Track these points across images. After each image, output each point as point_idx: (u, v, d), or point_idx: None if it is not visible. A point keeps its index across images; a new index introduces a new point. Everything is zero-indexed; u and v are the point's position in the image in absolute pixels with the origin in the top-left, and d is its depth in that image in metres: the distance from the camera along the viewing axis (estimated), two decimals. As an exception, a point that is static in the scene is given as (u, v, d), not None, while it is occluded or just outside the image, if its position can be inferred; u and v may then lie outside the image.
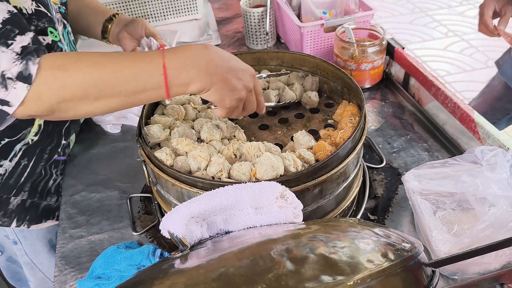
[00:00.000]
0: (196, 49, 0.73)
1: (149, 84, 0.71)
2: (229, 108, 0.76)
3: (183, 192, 0.73)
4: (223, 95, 0.73)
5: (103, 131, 1.17)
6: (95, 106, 0.73)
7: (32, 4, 0.81)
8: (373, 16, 1.29)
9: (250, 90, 0.76)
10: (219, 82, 0.72)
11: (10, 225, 1.02)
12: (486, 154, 0.81)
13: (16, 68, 0.67)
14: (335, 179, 0.75)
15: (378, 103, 1.21)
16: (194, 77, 0.71)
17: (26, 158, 0.98)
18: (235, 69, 0.74)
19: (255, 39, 1.46)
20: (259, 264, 0.45)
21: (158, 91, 0.72)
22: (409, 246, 0.48)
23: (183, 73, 0.70)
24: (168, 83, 0.70)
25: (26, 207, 1.02)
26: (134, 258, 0.77)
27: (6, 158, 0.95)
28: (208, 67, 0.71)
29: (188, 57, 0.71)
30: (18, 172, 0.98)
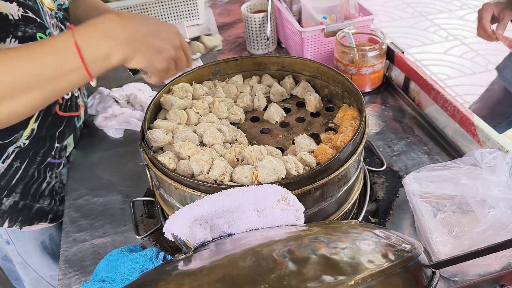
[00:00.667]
0: (108, 19, 0.68)
1: (66, 67, 0.67)
2: (161, 71, 0.72)
3: (186, 195, 0.74)
4: (150, 59, 0.70)
5: (105, 136, 1.18)
6: (16, 105, 0.69)
7: (19, 10, 0.79)
8: (373, 20, 1.30)
9: (177, 48, 0.74)
10: (142, 47, 0.68)
11: (2, 225, 1.02)
12: (486, 156, 0.82)
13: None
14: (336, 182, 0.76)
15: (379, 107, 1.22)
16: (112, 48, 0.67)
17: (19, 160, 0.97)
18: (156, 30, 0.71)
19: (256, 44, 1.47)
20: (261, 265, 0.45)
21: (78, 72, 0.67)
22: (409, 247, 0.49)
23: (99, 47, 0.66)
24: (85, 61, 0.66)
25: (19, 209, 1.02)
26: (137, 261, 0.78)
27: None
28: (126, 34, 0.67)
29: (101, 29, 0.67)
30: (10, 173, 0.98)
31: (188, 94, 0.95)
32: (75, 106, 1.05)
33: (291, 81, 1.01)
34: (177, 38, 0.75)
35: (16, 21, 0.81)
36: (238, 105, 0.96)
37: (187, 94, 0.95)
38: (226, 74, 1.04)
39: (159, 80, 0.75)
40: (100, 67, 0.69)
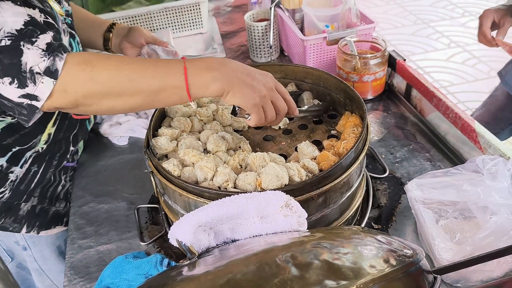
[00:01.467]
0: (214, 58, 0.79)
1: (171, 83, 0.75)
2: (258, 111, 0.77)
3: (190, 202, 0.75)
4: (244, 94, 0.75)
5: (110, 143, 1.19)
6: (117, 103, 0.77)
7: (41, 16, 0.83)
8: (375, 29, 1.32)
9: (271, 88, 0.78)
10: (238, 83, 0.75)
11: (20, 231, 1.04)
12: (487, 163, 0.82)
13: (44, 63, 0.72)
14: (338, 189, 0.77)
15: (381, 114, 1.23)
16: (213, 79, 0.74)
17: (36, 165, 1.00)
18: (252, 72, 0.78)
19: (259, 52, 1.49)
20: (265, 270, 0.46)
21: (179, 91, 0.75)
22: (410, 253, 0.50)
23: (203, 75, 0.74)
24: (188, 82, 0.74)
25: (36, 213, 1.04)
26: (142, 268, 0.78)
27: (17, 165, 0.98)
28: (226, 70, 0.75)
29: (207, 63, 0.76)
30: (28, 178, 1.00)
31: (192, 102, 0.96)
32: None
33: (294, 89, 1.02)
34: (272, 81, 0.80)
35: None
36: (242, 112, 0.97)
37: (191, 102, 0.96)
38: (229, 82, 1.05)
39: (258, 120, 0.78)
40: (199, 92, 0.76)
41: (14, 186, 0.99)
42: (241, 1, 1.95)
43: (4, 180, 0.98)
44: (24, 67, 0.72)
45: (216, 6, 1.94)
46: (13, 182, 0.99)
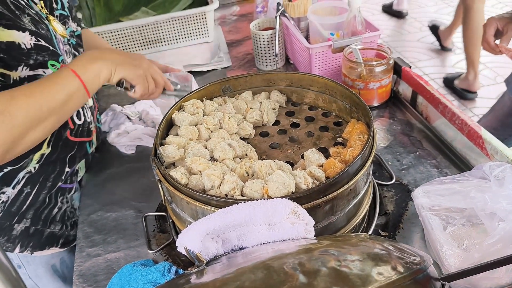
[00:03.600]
0: (92, 51, 0.91)
1: (71, 89, 0.83)
2: (143, 81, 0.93)
3: (198, 210, 0.75)
4: (128, 68, 0.90)
5: (118, 152, 1.20)
6: (39, 133, 0.81)
7: (31, 39, 0.85)
8: (380, 36, 1.32)
9: (149, 64, 0.95)
10: (121, 62, 0.90)
11: (13, 251, 1.03)
12: (494, 169, 0.82)
13: None
14: (345, 196, 0.77)
15: (387, 121, 1.23)
16: (100, 67, 0.87)
17: (29, 186, 0.99)
18: (128, 54, 0.94)
19: (264, 61, 1.50)
20: (273, 278, 0.46)
21: (80, 92, 0.84)
22: (418, 260, 0.50)
23: (91, 69, 0.85)
24: (83, 81, 0.84)
25: (30, 234, 1.03)
26: (150, 276, 0.79)
27: (9, 185, 0.96)
28: (107, 56, 0.89)
29: (87, 57, 0.88)
30: (20, 199, 0.99)
31: (199, 111, 0.97)
32: (87, 131, 1.07)
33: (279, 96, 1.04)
34: (146, 60, 0.95)
35: (29, 50, 0.85)
36: (248, 120, 0.97)
37: (198, 111, 0.97)
38: (235, 91, 1.06)
39: (143, 89, 0.93)
40: (94, 85, 0.87)
41: (5, 207, 0.98)
42: (246, 10, 1.97)
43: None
44: None
45: (222, 15, 1.96)
46: (4, 203, 0.97)
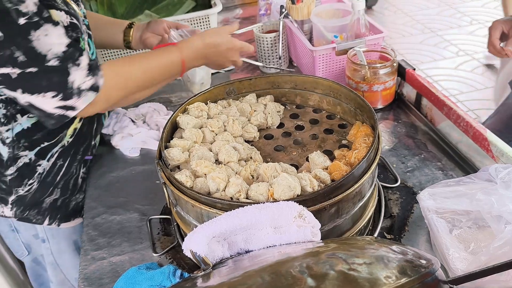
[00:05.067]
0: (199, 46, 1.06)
1: (174, 72, 1.04)
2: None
3: (203, 213, 0.75)
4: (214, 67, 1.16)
5: (122, 155, 1.20)
6: (140, 96, 1.01)
7: (67, 18, 0.90)
8: (384, 38, 1.32)
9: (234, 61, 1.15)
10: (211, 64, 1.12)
11: (42, 223, 1.10)
12: (500, 172, 0.82)
13: (89, 82, 0.87)
14: (351, 199, 0.77)
15: (391, 123, 1.23)
16: (200, 64, 1.10)
17: (62, 159, 1.07)
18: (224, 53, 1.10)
19: (268, 63, 1.50)
20: (280, 281, 0.46)
21: (176, 76, 1.06)
22: (426, 263, 0.50)
23: (194, 63, 1.08)
24: (184, 70, 1.05)
25: (57, 206, 1.11)
26: (155, 279, 0.78)
27: (44, 159, 1.03)
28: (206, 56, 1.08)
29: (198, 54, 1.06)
30: (54, 171, 1.06)
31: (203, 113, 0.97)
32: None
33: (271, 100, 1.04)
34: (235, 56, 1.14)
35: (66, 27, 0.89)
36: (252, 123, 0.97)
37: (202, 113, 0.97)
38: (240, 93, 1.06)
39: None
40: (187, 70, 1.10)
41: (42, 178, 1.05)
42: (249, 13, 1.97)
43: (33, 172, 1.03)
44: (71, 85, 0.84)
45: (225, 18, 1.97)
46: (40, 175, 1.04)
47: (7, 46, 0.78)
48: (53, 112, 0.86)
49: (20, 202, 1.05)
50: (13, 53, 0.78)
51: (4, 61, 0.79)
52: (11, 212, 1.06)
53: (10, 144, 0.98)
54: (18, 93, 0.83)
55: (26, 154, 1.00)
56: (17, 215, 1.07)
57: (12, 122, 0.96)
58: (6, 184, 1.02)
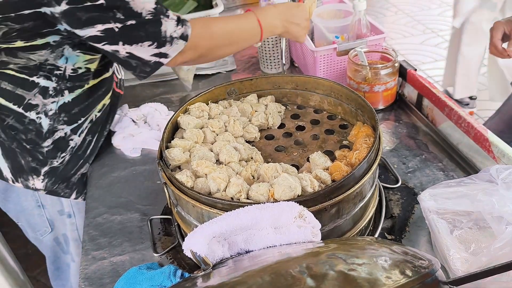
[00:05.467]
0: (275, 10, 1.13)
1: (253, 31, 1.10)
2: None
3: (203, 213, 0.75)
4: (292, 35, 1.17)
5: (123, 155, 1.21)
6: (224, 51, 1.09)
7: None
8: (385, 39, 1.32)
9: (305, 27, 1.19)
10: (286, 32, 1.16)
11: (70, 197, 1.16)
12: (501, 172, 0.82)
13: (180, 30, 0.97)
14: (351, 199, 0.77)
15: (392, 124, 1.23)
16: (277, 26, 1.13)
17: (90, 135, 1.15)
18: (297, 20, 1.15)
19: (269, 64, 1.50)
20: (280, 281, 0.46)
21: (257, 38, 1.11)
22: (426, 263, 0.50)
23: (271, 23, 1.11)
24: (262, 30, 1.10)
25: (84, 181, 1.17)
26: (155, 279, 0.79)
27: (76, 134, 1.10)
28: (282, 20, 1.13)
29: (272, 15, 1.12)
30: (84, 146, 1.14)
31: (204, 114, 0.98)
32: (123, 85, 1.27)
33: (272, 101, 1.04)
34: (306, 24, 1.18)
35: None
36: (253, 123, 0.97)
37: (203, 114, 0.97)
38: (241, 94, 1.06)
39: None
40: (268, 35, 1.14)
41: (73, 152, 1.12)
42: (250, 13, 1.97)
43: (66, 146, 1.10)
44: (164, 34, 0.95)
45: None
46: (72, 148, 1.11)
47: (109, 9, 0.89)
48: (149, 59, 0.97)
49: (52, 173, 1.11)
50: (115, 14, 0.90)
51: (108, 18, 0.90)
52: (42, 184, 1.11)
53: (52, 117, 1.05)
54: (120, 45, 0.94)
55: (63, 128, 1.08)
56: (47, 187, 1.12)
57: (59, 96, 1.04)
58: (43, 155, 1.08)
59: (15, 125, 1.04)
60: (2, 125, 1.04)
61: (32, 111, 1.03)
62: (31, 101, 1.02)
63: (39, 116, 1.04)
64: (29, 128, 1.04)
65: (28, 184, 1.11)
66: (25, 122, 1.04)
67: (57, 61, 0.99)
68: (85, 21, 0.89)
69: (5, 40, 0.93)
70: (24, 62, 0.97)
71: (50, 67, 0.99)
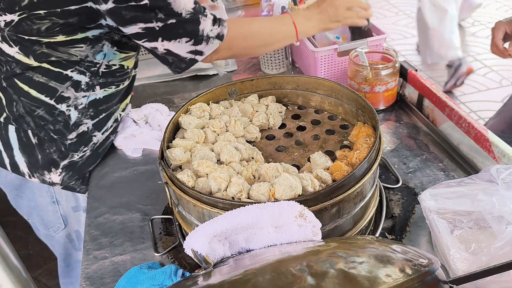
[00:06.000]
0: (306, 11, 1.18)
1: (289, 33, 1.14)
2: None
3: (204, 212, 0.75)
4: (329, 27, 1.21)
5: (125, 155, 1.21)
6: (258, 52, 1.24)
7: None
8: (386, 39, 1.32)
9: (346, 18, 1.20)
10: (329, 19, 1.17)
11: (85, 192, 1.18)
12: (502, 172, 0.82)
13: (216, 30, 1.03)
14: (352, 199, 0.77)
15: (393, 124, 1.23)
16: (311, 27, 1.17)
17: (114, 134, 1.20)
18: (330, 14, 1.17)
19: (270, 64, 1.50)
20: (281, 279, 0.46)
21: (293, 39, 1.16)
22: (426, 262, 0.50)
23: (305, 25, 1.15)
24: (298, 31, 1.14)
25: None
26: (156, 278, 0.79)
27: (100, 131, 1.14)
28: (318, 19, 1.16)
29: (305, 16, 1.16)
30: (106, 144, 1.18)
31: (205, 114, 0.98)
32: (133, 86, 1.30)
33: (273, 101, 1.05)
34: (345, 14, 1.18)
35: None
36: (254, 123, 0.98)
37: (204, 114, 0.98)
38: (242, 94, 1.07)
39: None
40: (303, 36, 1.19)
41: (94, 148, 1.15)
42: (252, 14, 1.98)
43: (89, 141, 1.13)
44: (201, 32, 1.01)
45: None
46: (94, 145, 1.14)
47: (152, 9, 0.94)
48: (185, 56, 1.03)
49: (71, 167, 1.13)
50: (157, 14, 0.95)
51: (150, 18, 0.95)
52: (59, 178, 1.13)
53: (81, 110, 1.09)
54: (159, 42, 0.99)
55: (87, 122, 1.11)
56: (64, 182, 1.15)
57: (90, 91, 1.07)
58: (65, 147, 1.11)
59: (45, 116, 1.06)
60: (32, 115, 1.06)
61: (63, 103, 1.06)
62: (63, 93, 1.05)
63: (69, 108, 1.07)
64: (58, 120, 1.08)
65: (44, 179, 1.13)
66: (55, 114, 1.07)
67: (95, 57, 1.04)
68: (129, 19, 0.94)
69: (47, 34, 0.95)
70: (66, 56, 1.00)
71: (88, 64, 1.04)
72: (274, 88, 1.06)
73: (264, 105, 1.03)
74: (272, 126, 0.99)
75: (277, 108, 1.02)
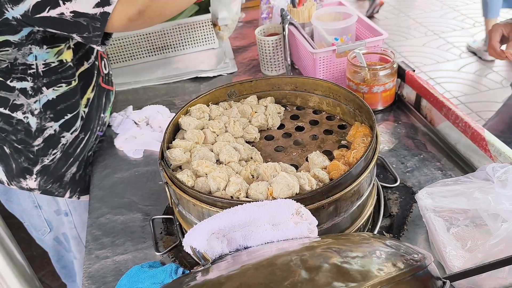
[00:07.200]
0: None
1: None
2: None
3: (204, 211, 0.77)
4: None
5: (126, 157, 1.22)
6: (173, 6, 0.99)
7: None
8: (384, 41, 1.34)
9: None
10: None
11: (64, 196, 1.19)
12: (497, 171, 0.83)
13: None
14: (349, 197, 0.78)
15: (391, 124, 1.24)
16: None
17: (83, 132, 1.17)
18: None
19: (269, 66, 1.52)
20: (276, 274, 0.48)
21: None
22: (418, 257, 0.51)
23: None
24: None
25: (76, 180, 1.21)
26: (157, 277, 0.80)
27: (68, 131, 1.13)
28: None
29: None
30: (76, 143, 1.16)
31: (204, 115, 0.99)
32: (111, 81, 1.27)
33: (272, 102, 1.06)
34: None
35: None
36: (253, 124, 0.99)
37: (203, 115, 0.99)
38: (241, 95, 1.08)
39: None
40: None
41: (64, 149, 1.14)
42: (252, 17, 2.00)
43: (57, 143, 1.12)
44: None
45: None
46: (63, 145, 1.14)
47: None
48: (94, 12, 0.92)
49: (44, 171, 1.13)
50: None
51: None
52: (35, 183, 1.14)
53: (38, 115, 1.07)
54: (62, 6, 0.90)
55: (52, 125, 1.09)
56: (41, 187, 1.15)
57: (38, 94, 1.04)
58: (33, 154, 1.10)
59: (4, 127, 1.06)
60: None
61: (18, 111, 1.05)
62: (15, 101, 1.03)
63: (26, 115, 1.06)
64: (18, 129, 1.07)
65: (22, 186, 1.14)
66: (13, 123, 1.06)
67: (26, 59, 0.99)
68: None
69: None
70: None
71: (22, 68, 1.00)
72: (273, 89, 1.08)
73: (263, 106, 1.04)
74: (271, 127, 1.00)
75: (275, 109, 1.03)
